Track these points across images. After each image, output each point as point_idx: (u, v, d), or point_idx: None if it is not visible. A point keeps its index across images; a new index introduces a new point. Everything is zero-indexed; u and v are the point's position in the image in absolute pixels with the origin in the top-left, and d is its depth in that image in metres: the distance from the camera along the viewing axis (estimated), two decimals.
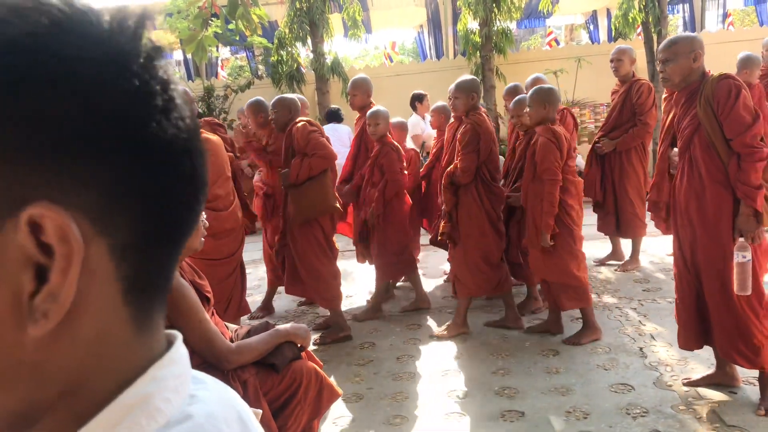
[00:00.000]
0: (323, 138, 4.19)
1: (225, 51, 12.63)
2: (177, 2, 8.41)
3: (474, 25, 9.55)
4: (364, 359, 3.94)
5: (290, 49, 9.65)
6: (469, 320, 4.27)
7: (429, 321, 4.54)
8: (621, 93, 5.20)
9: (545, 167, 3.75)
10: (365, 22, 11.05)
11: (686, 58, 2.93)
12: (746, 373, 3.20)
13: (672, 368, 3.40)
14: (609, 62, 5.24)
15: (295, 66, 9.73)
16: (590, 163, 5.37)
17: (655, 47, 8.98)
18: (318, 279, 4.24)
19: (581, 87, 9.44)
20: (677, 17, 13.17)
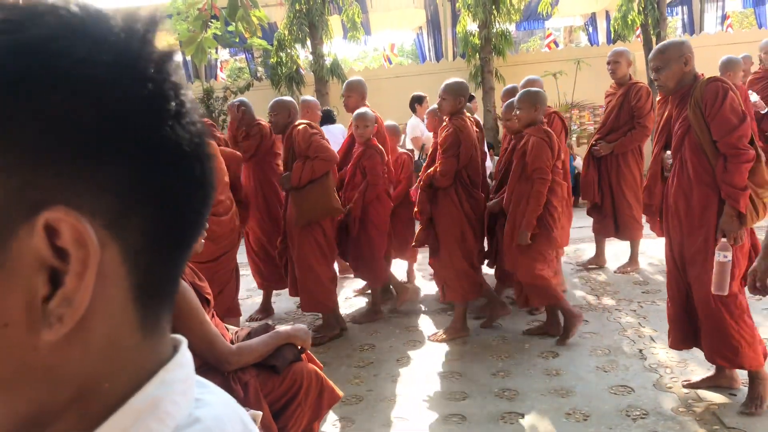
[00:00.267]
0: (324, 140, 4.19)
1: (224, 53, 12.66)
2: (177, 4, 8.42)
3: (473, 27, 9.59)
4: (364, 361, 3.94)
5: (289, 51, 9.68)
6: (467, 322, 4.27)
7: (429, 323, 4.54)
8: (618, 96, 5.18)
9: (537, 166, 3.76)
10: (364, 24, 11.07)
11: (678, 63, 2.96)
12: (746, 376, 3.20)
13: (672, 370, 3.40)
14: (606, 64, 5.25)
15: (295, 68, 9.75)
16: (587, 166, 5.38)
17: None
18: (316, 282, 4.23)
19: (580, 89, 9.46)
20: (676, 19, 13.21)
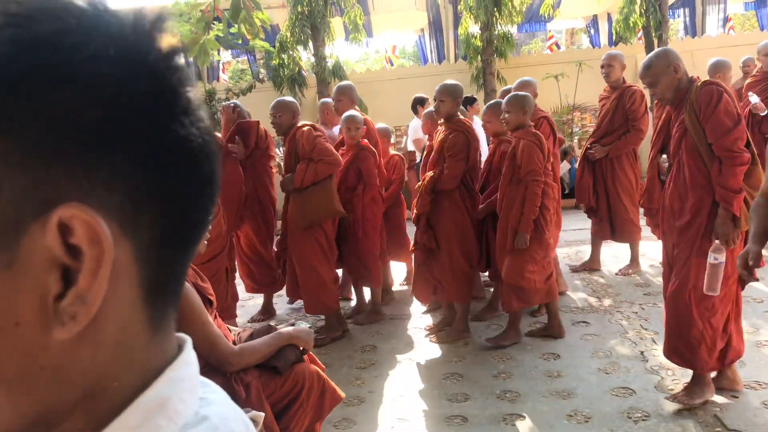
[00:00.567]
0: (328, 143, 4.20)
1: (227, 54, 12.66)
2: (179, 5, 8.44)
3: (475, 29, 9.59)
4: (366, 362, 3.94)
5: (292, 53, 9.68)
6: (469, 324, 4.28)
7: (431, 324, 4.54)
8: (613, 99, 5.21)
9: (530, 168, 3.78)
10: (366, 26, 11.08)
11: (668, 75, 2.97)
12: (748, 378, 3.20)
13: (673, 372, 3.40)
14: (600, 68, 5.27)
15: (297, 69, 9.76)
16: (582, 169, 5.40)
17: None
18: (318, 283, 4.24)
19: (582, 91, 9.45)
20: (678, 21, 13.20)
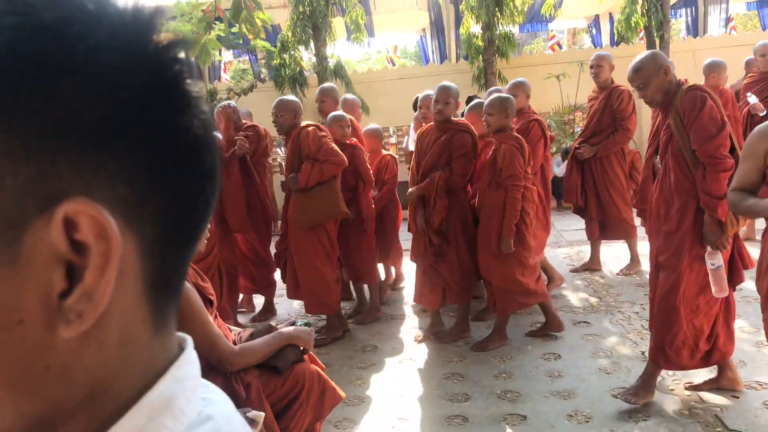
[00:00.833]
0: (333, 143, 4.21)
1: (228, 54, 12.66)
2: (181, 5, 8.44)
3: (477, 29, 9.58)
4: (366, 362, 3.95)
5: (293, 53, 9.68)
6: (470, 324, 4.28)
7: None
8: (601, 99, 5.26)
9: (510, 173, 3.78)
10: (368, 26, 11.08)
11: (658, 76, 2.97)
12: (748, 378, 3.20)
13: (674, 372, 3.39)
14: (589, 68, 5.31)
15: (298, 69, 9.75)
16: (570, 169, 5.42)
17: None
18: (321, 283, 4.24)
19: (584, 91, 9.41)
20: (680, 21, 13.18)
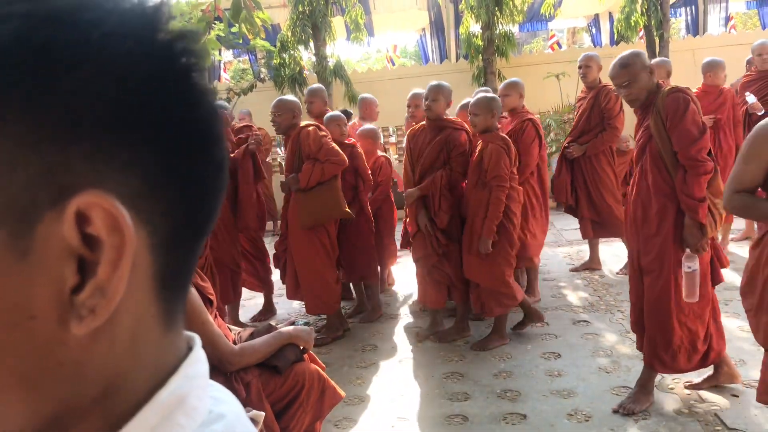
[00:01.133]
0: (334, 143, 4.21)
1: (228, 54, 12.65)
2: (180, 5, 8.44)
3: (476, 29, 9.57)
4: (366, 362, 3.95)
5: (293, 52, 9.68)
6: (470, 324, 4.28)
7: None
8: (589, 99, 5.30)
9: (496, 174, 3.78)
10: (367, 26, 11.08)
11: (645, 74, 2.97)
12: (748, 377, 3.20)
13: None
14: (577, 68, 5.36)
15: (298, 69, 9.76)
16: (560, 168, 5.44)
17: (658, 51, 9.00)
18: (321, 283, 4.25)
19: None
20: (679, 20, 13.18)
